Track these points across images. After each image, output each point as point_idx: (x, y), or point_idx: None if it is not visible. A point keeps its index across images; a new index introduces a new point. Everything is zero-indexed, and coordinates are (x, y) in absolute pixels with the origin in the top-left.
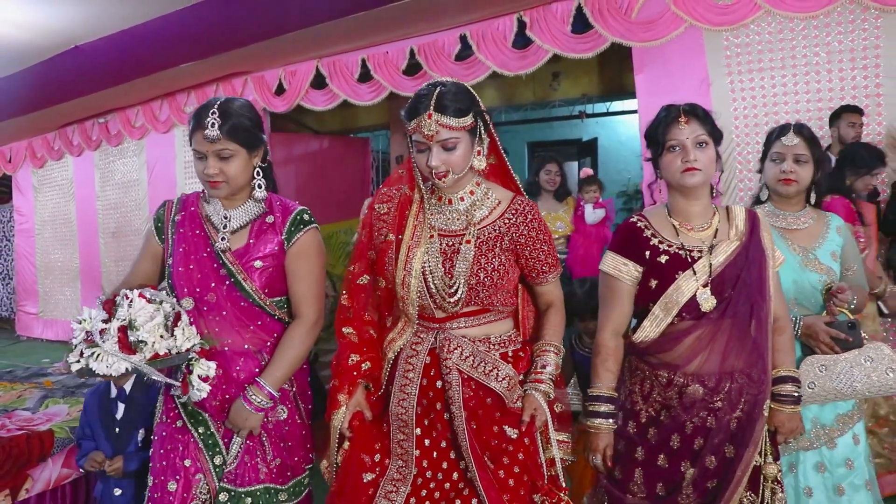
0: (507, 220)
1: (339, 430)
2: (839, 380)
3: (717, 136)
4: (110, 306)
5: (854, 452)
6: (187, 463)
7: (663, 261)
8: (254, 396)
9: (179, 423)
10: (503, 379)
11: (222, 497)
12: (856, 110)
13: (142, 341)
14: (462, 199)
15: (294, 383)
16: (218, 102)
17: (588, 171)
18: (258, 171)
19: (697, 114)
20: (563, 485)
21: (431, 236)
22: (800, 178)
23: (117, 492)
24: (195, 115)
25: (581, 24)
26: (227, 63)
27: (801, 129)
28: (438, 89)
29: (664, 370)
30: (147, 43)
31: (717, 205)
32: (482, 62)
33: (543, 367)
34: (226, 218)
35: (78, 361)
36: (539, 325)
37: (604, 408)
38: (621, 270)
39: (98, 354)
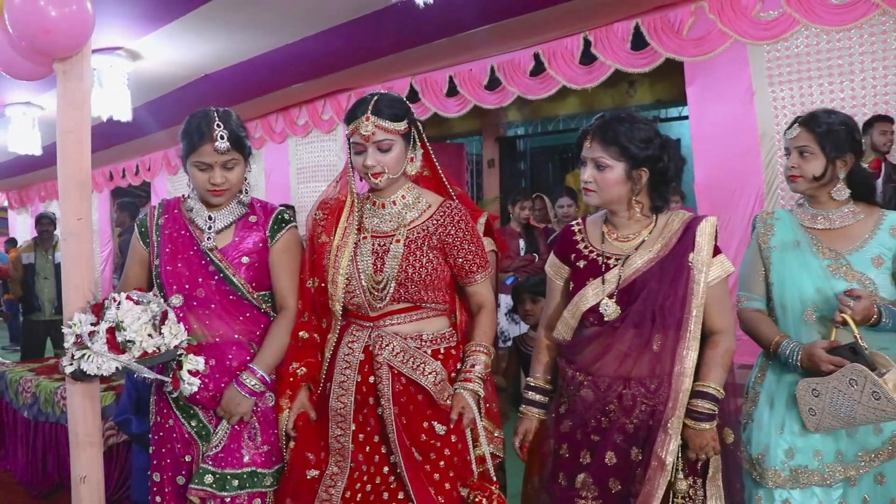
0: (435, 221)
1: (285, 430)
2: (833, 406)
3: (632, 156)
4: (98, 310)
5: (874, 493)
6: (188, 458)
7: (581, 265)
8: (247, 380)
9: (171, 422)
10: (430, 373)
11: (208, 479)
12: (887, 119)
13: (129, 341)
14: (394, 202)
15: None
16: (217, 114)
17: None
18: (245, 177)
19: (605, 135)
20: (494, 479)
21: (364, 237)
22: (804, 173)
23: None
24: (196, 128)
25: (639, 41)
26: (333, 82)
27: (810, 121)
28: (376, 97)
29: (570, 369)
30: (265, 69)
31: (674, 211)
32: (553, 77)
33: (473, 366)
34: (210, 219)
35: (71, 364)
36: (470, 326)
37: (529, 395)
38: (553, 270)
39: (88, 356)
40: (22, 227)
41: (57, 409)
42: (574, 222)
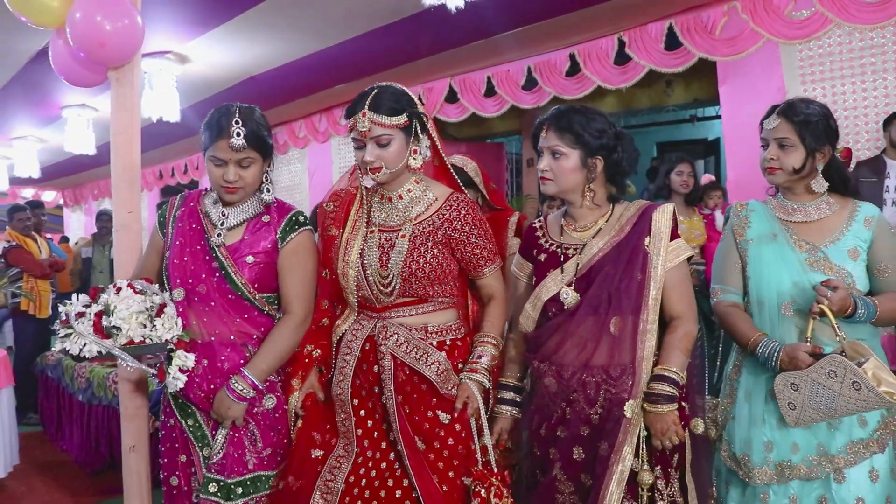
0: (441, 215)
1: (294, 410)
2: (813, 399)
3: (586, 144)
4: (95, 293)
5: (869, 491)
6: (182, 458)
7: (542, 259)
8: (237, 385)
9: (172, 421)
10: (432, 364)
11: (212, 488)
12: None
13: (115, 327)
14: (401, 196)
15: (282, 374)
16: (238, 110)
17: (710, 176)
18: (266, 176)
19: (560, 124)
20: (496, 469)
21: (372, 231)
22: (784, 166)
23: None
24: (216, 123)
25: (673, 41)
26: (373, 83)
27: (788, 110)
28: (376, 90)
29: (534, 360)
30: (308, 70)
31: (628, 203)
32: (588, 77)
33: (479, 357)
34: (223, 215)
35: (60, 342)
36: (480, 317)
37: (502, 394)
38: (517, 268)
39: (72, 336)
40: (76, 225)
41: (109, 393)
42: (536, 220)
